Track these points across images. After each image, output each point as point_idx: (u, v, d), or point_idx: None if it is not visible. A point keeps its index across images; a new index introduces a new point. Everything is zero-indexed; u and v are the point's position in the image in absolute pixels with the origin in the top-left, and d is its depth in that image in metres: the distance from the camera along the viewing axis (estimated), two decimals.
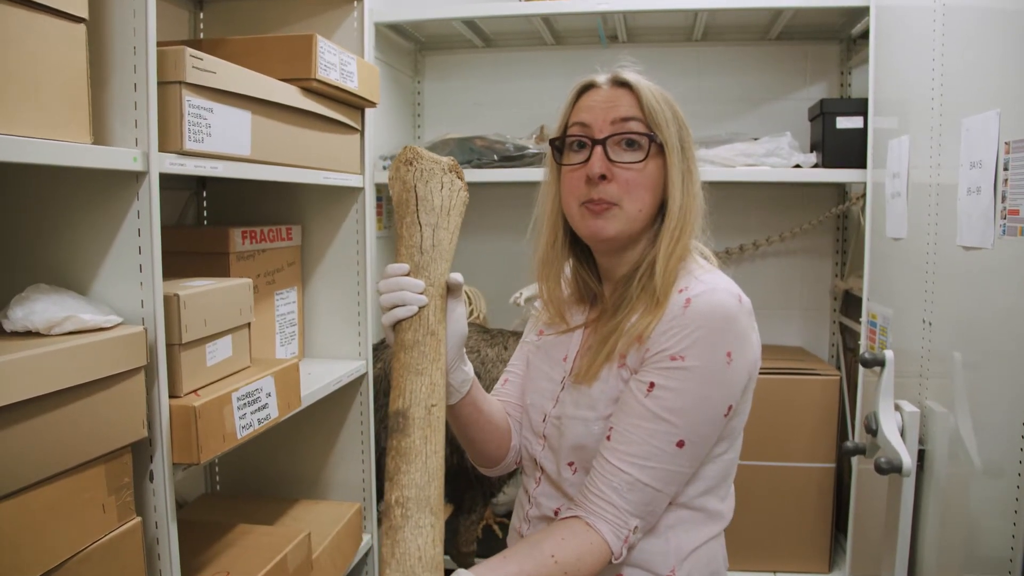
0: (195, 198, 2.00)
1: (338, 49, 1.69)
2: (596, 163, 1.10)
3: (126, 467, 1.14)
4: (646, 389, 1.06)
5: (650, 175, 1.11)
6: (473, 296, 2.82)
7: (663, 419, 1.05)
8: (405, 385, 1.00)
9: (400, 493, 0.93)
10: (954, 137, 1.56)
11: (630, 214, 1.11)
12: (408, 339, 1.02)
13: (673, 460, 1.06)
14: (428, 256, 1.05)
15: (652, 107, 1.11)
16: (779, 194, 2.86)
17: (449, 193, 1.08)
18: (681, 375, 1.05)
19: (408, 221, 1.07)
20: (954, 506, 1.57)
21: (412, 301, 1.03)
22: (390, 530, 0.92)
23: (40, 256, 1.23)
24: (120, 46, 1.15)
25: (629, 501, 1.05)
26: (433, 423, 0.98)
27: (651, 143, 1.11)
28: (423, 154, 1.08)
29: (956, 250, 1.54)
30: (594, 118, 1.12)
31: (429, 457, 0.96)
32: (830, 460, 2.50)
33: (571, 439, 1.14)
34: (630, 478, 1.05)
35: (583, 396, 1.14)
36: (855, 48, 2.77)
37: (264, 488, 2.06)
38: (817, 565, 2.54)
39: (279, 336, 1.85)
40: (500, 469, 1.31)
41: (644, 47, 2.97)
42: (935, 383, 1.68)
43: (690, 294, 1.08)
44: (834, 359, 2.90)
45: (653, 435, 1.05)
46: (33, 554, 0.98)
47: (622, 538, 1.05)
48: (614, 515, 1.05)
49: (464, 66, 3.12)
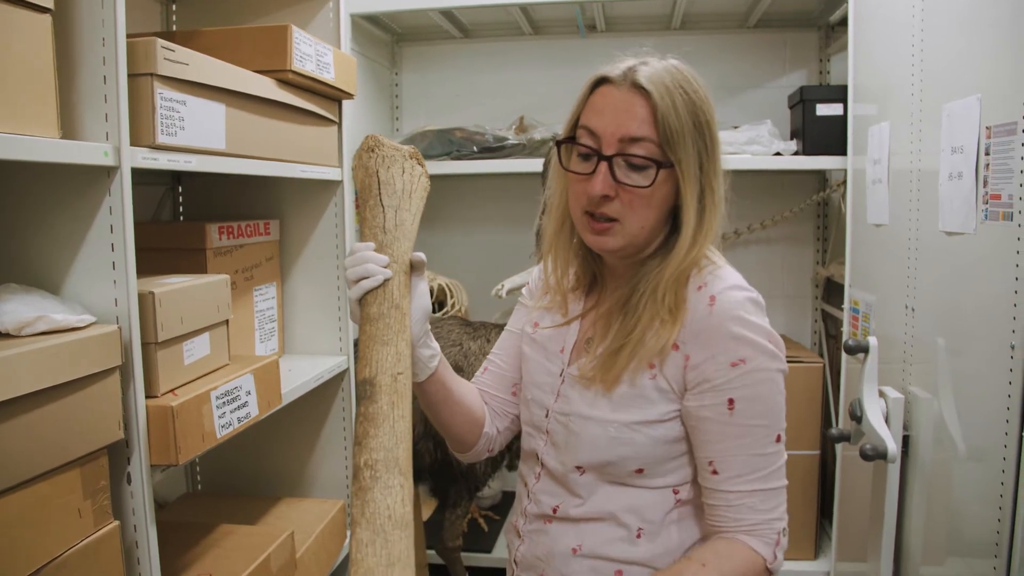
0: (171, 193, 1.96)
1: (314, 40, 1.66)
2: (598, 184, 1.04)
3: (102, 470, 1.11)
4: (727, 409, 1.04)
5: (658, 197, 1.05)
6: (454, 288, 2.80)
7: (756, 427, 1.04)
8: (372, 355, 1.03)
9: (369, 456, 0.96)
10: (935, 123, 1.55)
11: (631, 231, 1.06)
12: (374, 312, 1.05)
13: (778, 456, 1.07)
14: (391, 235, 1.09)
15: (668, 123, 1.01)
16: (760, 182, 2.86)
17: (410, 178, 1.13)
18: (752, 378, 1.03)
19: (371, 204, 1.11)
20: (939, 491, 1.58)
21: (377, 273, 1.05)
22: (360, 491, 0.94)
23: (10, 255, 1.19)
24: (88, 38, 1.12)
25: (766, 510, 1.05)
26: (400, 390, 1.01)
27: (659, 168, 1.03)
28: (384, 142, 1.13)
29: (938, 235, 1.54)
30: (604, 128, 1.04)
31: (396, 421, 0.99)
32: (814, 447, 2.51)
33: (586, 440, 1.11)
34: (756, 493, 1.05)
35: (600, 397, 1.10)
36: (834, 35, 2.77)
37: (247, 487, 2.03)
38: (802, 552, 2.55)
39: (258, 332, 1.82)
40: (473, 455, 1.30)
41: (622, 36, 2.95)
42: (919, 369, 1.68)
43: (711, 291, 1.06)
44: (816, 346, 2.91)
45: (753, 447, 1.05)
46: (6, 561, 0.95)
47: (772, 544, 1.06)
48: (759, 529, 1.05)
49: (442, 57, 3.09)
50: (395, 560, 0.90)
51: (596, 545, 1.11)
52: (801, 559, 2.55)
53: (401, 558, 0.91)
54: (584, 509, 1.12)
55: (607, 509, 1.11)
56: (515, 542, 1.22)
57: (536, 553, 1.17)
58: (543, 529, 1.17)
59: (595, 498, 1.12)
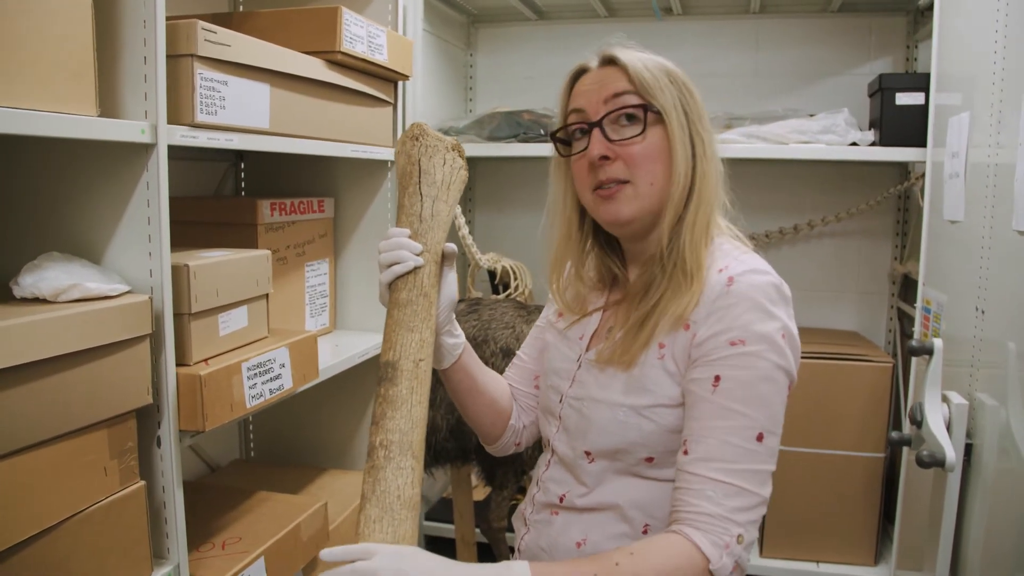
0: (233, 170, 2.03)
1: (365, 22, 1.68)
2: (595, 146, 1.07)
3: (130, 432, 1.17)
4: (712, 385, 1.00)
5: (654, 145, 1.07)
6: (519, 271, 2.80)
7: (735, 412, 0.98)
8: (396, 339, 1.06)
9: (384, 436, 0.99)
10: (1015, 114, 1.46)
11: (642, 190, 1.07)
12: (403, 298, 1.08)
13: (757, 457, 0.98)
14: (427, 224, 1.12)
15: (642, 77, 1.06)
16: (836, 173, 2.75)
17: (450, 169, 1.16)
18: (746, 361, 0.99)
19: (410, 191, 1.13)
20: (1002, 504, 1.49)
21: (409, 259, 1.08)
22: (372, 469, 0.97)
23: (57, 225, 1.26)
24: (130, 19, 1.17)
25: (725, 507, 0.96)
26: (420, 376, 1.04)
27: (646, 112, 1.06)
28: (429, 131, 1.15)
29: (1012, 235, 1.44)
30: (588, 101, 1.09)
31: (414, 406, 1.02)
32: (879, 450, 2.41)
33: (596, 424, 1.09)
34: (719, 484, 0.97)
35: (613, 380, 1.09)
36: (922, 20, 2.62)
37: (295, 456, 2.10)
38: (862, 557, 2.46)
39: (309, 307, 1.87)
40: (500, 447, 1.31)
41: (700, 20, 2.88)
42: (986, 374, 1.60)
43: (731, 273, 1.03)
44: (891, 345, 2.78)
45: (731, 433, 0.98)
46: (32, 512, 1.02)
47: (721, 546, 0.94)
48: (710, 523, 0.96)
49: (517, 39, 3.08)
50: (400, 539, 0.92)
51: (601, 541, 1.10)
52: (861, 564, 2.46)
53: (406, 537, 0.93)
54: (589, 499, 1.11)
55: (613, 501, 1.09)
56: (521, 530, 1.23)
57: (540, 543, 1.17)
58: (549, 520, 1.16)
59: (601, 488, 1.11)
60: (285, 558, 1.48)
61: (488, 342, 2.08)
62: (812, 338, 2.58)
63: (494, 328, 2.11)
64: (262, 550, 1.42)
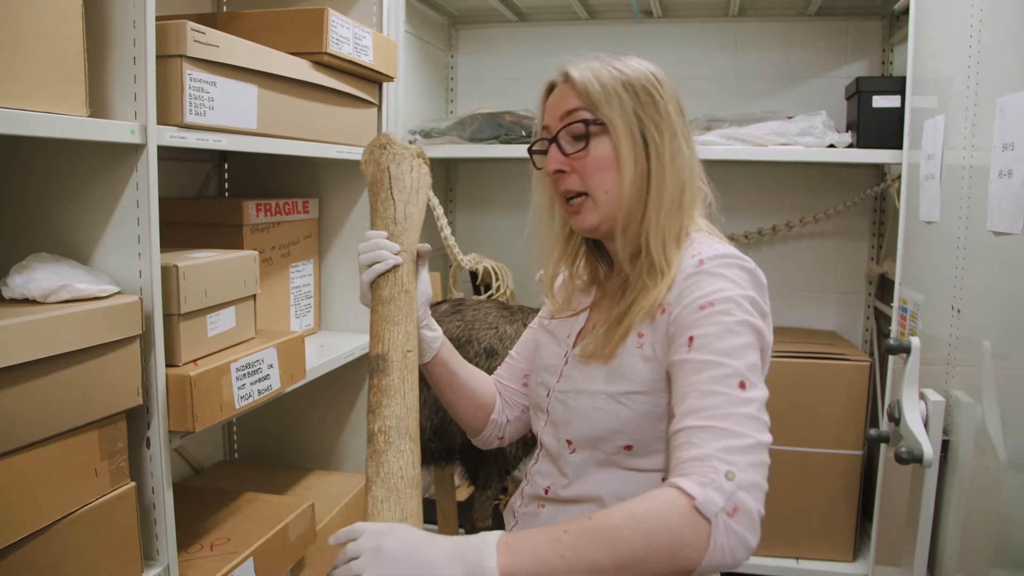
0: (216, 170, 2.02)
1: (352, 23, 1.68)
2: (550, 162, 1.13)
3: (120, 433, 1.17)
4: (687, 346, 0.99)
5: (601, 156, 1.10)
6: (500, 272, 2.81)
7: (714, 363, 0.96)
8: (384, 333, 1.13)
9: (383, 423, 1.05)
10: (989, 117, 1.49)
11: (599, 199, 1.11)
12: (385, 295, 1.16)
13: (742, 404, 0.93)
14: (401, 226, 1.20)
15: (588, 90, 1.09)
16: (814, 174, 2.79)
17: (418, 175, 1.26)
18: (716, 318, 0.99)
19: (383, 197, 1.22)
20: (979, 500, 1.52)
21: (389, 258, 1.16)
22: (374, 454, 1.03)
23: (46, 226, 1.26)
24: (120, 20, 1.17)
25: (710, 448, 0.90)
26: (409, 365, 1.12)
27: (588, 126, 1.10)
28: (395, 140, 1.25)
29: (987, 235, 1.48)
30: (551, 117, 1.15)
31: (407, 393, 1.09)
32: (858, 447, 2.45)
33: (577, 413, 1.12)
34: (707, 430, 0.92)
35: (596, 372, 1.12)
36: (898, 24, 2.67)
37: (280, 457, 2.09)
38: (841, 553, 2.50)
39: (294, 308, 1.87)
40: (483, 440, 1.36)
41: (679, 22, 2.90)
42: (962, 372, 1.63)
43: (703, 255, 1.05)
44: (868, 344, 2.82)
45: (711, 383, 0.95)
46: (23, 514, 1.01)
47: (706, 482, 0.87)
48: (695, 466, 0.90)
49: (497, 41, 3.09)
50: (407, 515, 0.99)
51: None
52: (839, 560, 2.50)
53: (413, 513, 1.00)
54: (571, 490, 1.14)
55: (594, 492, 1.11)
56: (510, 522, 1.25)
57: None
58: (536, 512, 1.19)
59: (582, 480, 1.13)
60: (273, 559, 1.48)
61: (472, 342, 2.09)
62: (790, 337, 2.62)
63: (478, 328, 2.12)
64: (251, 551, 1.42)
